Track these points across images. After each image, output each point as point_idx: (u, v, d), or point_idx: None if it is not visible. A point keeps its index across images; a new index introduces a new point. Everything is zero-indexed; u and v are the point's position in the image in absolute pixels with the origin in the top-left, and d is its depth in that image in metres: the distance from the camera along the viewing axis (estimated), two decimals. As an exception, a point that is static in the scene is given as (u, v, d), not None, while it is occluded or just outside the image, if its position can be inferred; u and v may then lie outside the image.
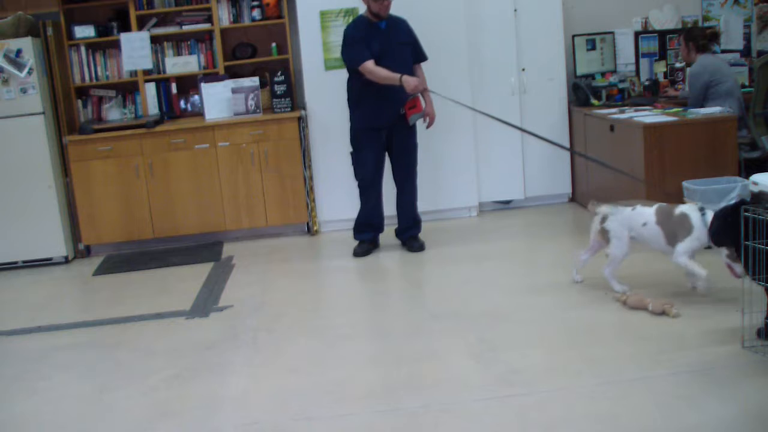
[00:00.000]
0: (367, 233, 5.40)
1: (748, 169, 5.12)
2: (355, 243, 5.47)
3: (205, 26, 6.31)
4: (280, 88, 6.10)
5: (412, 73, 5.15)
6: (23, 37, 5.77)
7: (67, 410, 3.50)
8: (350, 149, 5.34)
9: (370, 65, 5.04)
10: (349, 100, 5.26)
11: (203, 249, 6.04)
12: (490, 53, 6.17)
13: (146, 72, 6.35)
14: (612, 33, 6.51)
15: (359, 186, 5.34)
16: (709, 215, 3.75)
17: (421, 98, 5.20)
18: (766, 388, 3.10)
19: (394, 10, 5.73)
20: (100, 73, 6.37)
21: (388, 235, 5.44)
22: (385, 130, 5.21)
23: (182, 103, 6.52)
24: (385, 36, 5.07)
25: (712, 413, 2.93)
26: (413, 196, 5.45)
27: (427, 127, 5.33)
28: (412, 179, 5.42)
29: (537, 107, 6.28)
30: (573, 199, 6.51)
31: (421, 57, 5.29)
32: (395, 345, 3.90)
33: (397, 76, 4.99)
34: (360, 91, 5.15)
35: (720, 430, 2.84)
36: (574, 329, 3.86)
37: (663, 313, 3.86)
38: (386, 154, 5.34)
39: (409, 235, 5.43)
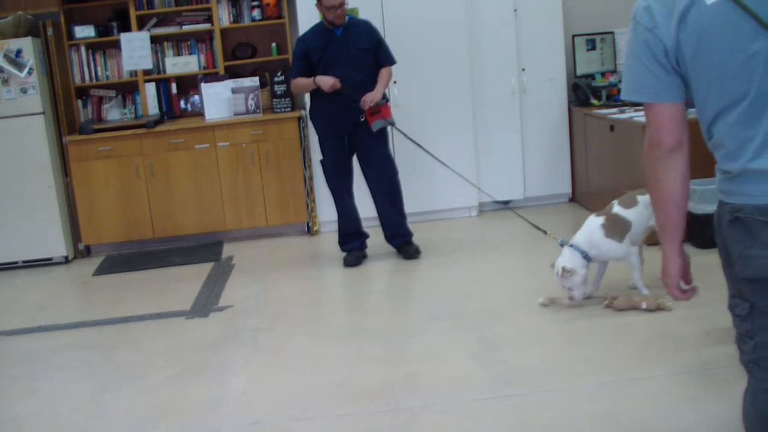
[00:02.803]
0: (353, 242, 5.32)
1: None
2: (343, 255, 5.36)
3: (205, 26, 6.31)
4: (280, 88, 6.11)
5: (374, 78, 5.03)
6: (23, 37, 5.77)
7: (67, 410, 3.50)
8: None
9: (294, 81, 5.10)
10: (309, 111, 5.25)
11: (203, 249, 6.04)
12: (490, 53, 6.17)
13: (146, 72, 6.35)
14: (612, 33, 6.50)
15: (332, 194, 5.29)
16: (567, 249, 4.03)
17: (389, 105, 5.11)
18: (765, 388, 3.10)
19: (395, 9, 5.73)
20: (100, 73, 6.37)
21: (382, 236, 5.42)
22: (347, 137, 5.13)
23: (182, 103, 6.52)
24: (341, 43, 4.99)
25: (712, 413, 2.93)
26: (396, 211, 5.25)
27: (363, 112, 5.02)
28: (390, 193, 5.21)
29: (537, 107, 6.28)
30: (573, 199, 6.51)
31: (385, 61, 5.11)
32: (395, 345, 3.90)
33: (310, 80, 4.98)
34: (316, 102, 5.14)
35: (719, 430, 2.84)
36: (574, 329, 3.86)
37: (659, 309, 3.86)
38: (355, 162, 5.27)
39: (403, 241, 5.34)
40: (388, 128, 5.17)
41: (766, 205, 1.85)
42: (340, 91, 4.93)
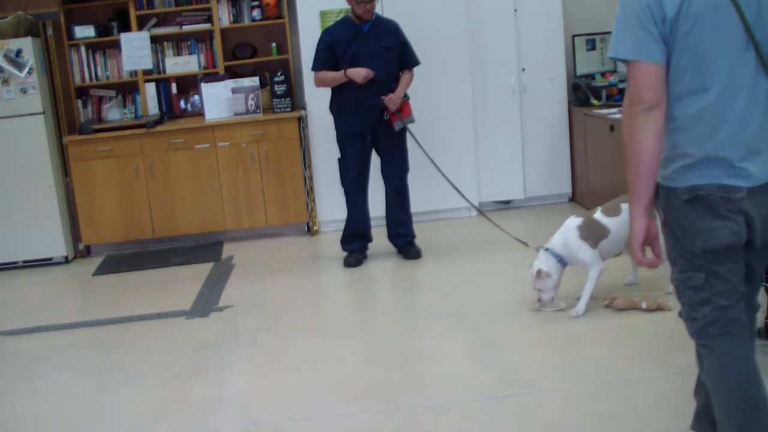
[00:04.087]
0: (355, 243, 5.31)
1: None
2: (344, 254, 5.35)
3: (205, 26, 6.31)
4: (280, 88, 6.10)
5: (396, 78, 5.05)
6: (23, 37, 5.77)
7: (67, 410, 3.50)
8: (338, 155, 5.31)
9: (318, 74, 5.07)
10: (330, 106, 5.23)
11: (203, 249, 6.04)
12: (490, 53, 6.17)
13: (146, 72, 6.35)
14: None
15: (344, 193, 5.28)
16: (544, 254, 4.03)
17: (410, 104, 5.12)
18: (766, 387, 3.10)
19: (395, 9, 5.73)
20: (100, 73, 6.37)
21: (384, 235, 5.43)
22: (370, 135, 5.13)
23: (182, 103, 6.52)
24: (367, 39, 4.99)
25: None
26: (402, 211, 5.28)
27: (386, 108, 5.01)
28: (399, 192, 5.26)
29: (537, 107, 6.28)
30: (573, 199, 6.51)
31: (409, 62, 5.12)
32: (395, 345, 3.90)
33: (340, 73, 4.96)
34: (340, 97, 5.10)
35: (720, 430, 2.84)
36: (574, 329, 3.86)
37: (659, 309, 3.86)
38: (376, 159, 5.29)
39: (405, 242, 5.36)
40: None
41: (726, 184, 2.09)
42: (375, 79, 4.92)
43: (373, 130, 5.10)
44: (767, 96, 2.11)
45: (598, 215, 4.07)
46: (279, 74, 6.12)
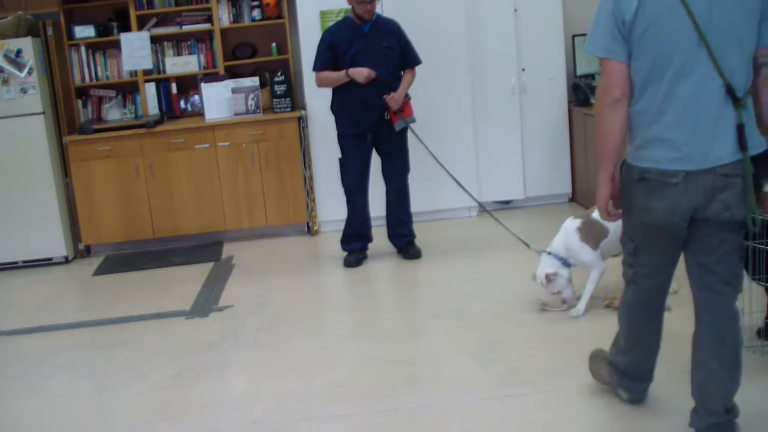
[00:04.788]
0: (355, 243, 5.31)
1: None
2: (344, 254, 5.36)
3: (205, 26, 6.31)
4: (280, 88, 6.10)
5: (397, 78, 5.05)
6: (23, 37, 5.77)
7: (67, 410, 3.50)
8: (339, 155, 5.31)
9: (320, 75, 5.07)
10: (331, 106, 5.22)
11: (203, 249, 6.04)
12: (490, 53, 6.17)
13: (146, 72, 6.35)
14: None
15: (345, 192, 5.27)
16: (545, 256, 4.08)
17: (411, 103, 5.12)
18: (766, 388, 3.10)
19: (395, 9, 5.73)
20: (100, 73, 6.37)
21: (384, 235, 5.43)
22: (371, 134, 5.14)
23: (182, 103, 6.52)
24: (368, 39, 4.98)
25: (712, 413, 2.93)
26: (403, 211, 5.29)
27: (388, 107, 5.00)
28: (400, 192, 5.26)
29: (537, 107, 6.28)
30: (573, 199, 6.51)
31: (411, 61, 5.13)
32: (395, 345, 3.90)
33: (341, 73, 4.96)
34: (341, 97, 5.10)
35: (720, 430, 2.84)
36: (574, 329, 3.86)
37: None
38: (377, 159, 5.29)
39: (405, 242, 5.35)
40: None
41: (665, 169, 2.47)
42: (376, 79, 4.93)
43: (374, 130, 5.10)
44: (718, 90, 2.41)
45: (596, 214, 4.07)
46: (279, 74, 6.12)
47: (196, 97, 6.46)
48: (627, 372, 2.96)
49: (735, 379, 2.69)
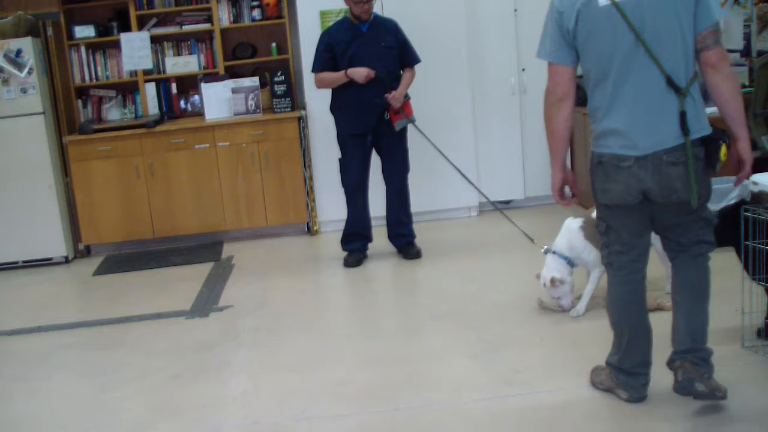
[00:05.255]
0: (355, 243, 5.31)
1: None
2: (344, 254, 5.35)
3: (205, 26, 6.31)
4: (280, 88, 6.11)
5: (397, 77, 5.06)
6: (23, 37, 5.77)
7: (67, 410, 3.50)
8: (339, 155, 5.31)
9: (319, 76, 5.07)
10: (331, 107, 5.22)
11: (203, 249, 6.04)
12: (490, 53, 6.17)
13: (146, 72, 6.35)
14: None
15: (345, 192, 5.27)
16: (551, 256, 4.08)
17: (411, 103, 5.13)
18: (766, 388, 3.10)
19: (395, 9, 5.73)
20: (100, 73, 6.37)
21: (384, 236, 5.42)
22: (371, 134, 5.13)
23: (182, 103, 6.52)
24: (367, 39, 4.98)
25: (713, 413, 2.93)
26: (403, 211, 5.28)
27: (388, 107, 5.02)
28: (399, 192, 5.26)
29: (537, 107, 6.18)
30: (573, 199, 6.51)
31: (410, 60, 5.13)
32: (395, 345, 3.90)
33: (341, 73, 4.96)
34: (341, 98, 5.09)
35: (720, 430, 2.84)
36: (575, 329, 3.86)
37: (658, 309, 3.86)
38: (377, 159, 5.29)
39: (405, 242, 5.35)
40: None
41: (618, 154, 2.75)
42: (376, 79, 4.93)
43: (374, 130, 5.10)
44: (659, 83, 2.68)
45: (595, 213, 4.07)
46: (279, 74, 6.12)
47: (196, 97, 6.47)
48: (623, 368, 3.01)
49: (704, 312, 2.98)
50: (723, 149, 2.75)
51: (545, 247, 4.14)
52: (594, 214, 4.06)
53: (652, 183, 2.74)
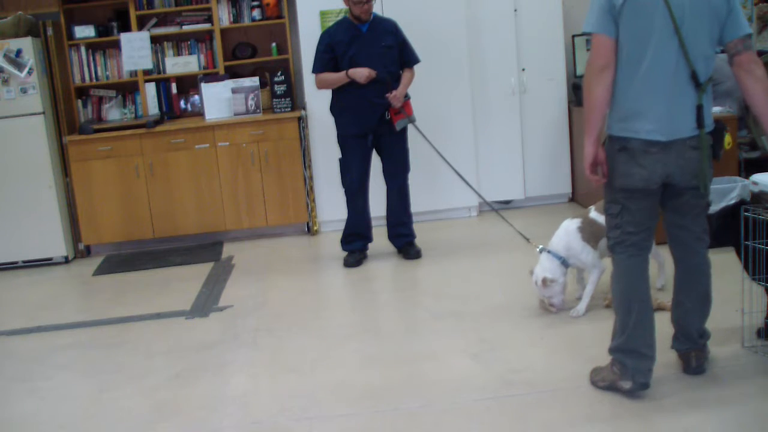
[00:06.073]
0: (355, 243, 5.31)
1: (748, 169, 5.12)
2: (344, 254, 5.35)
3: (205, 26, 6.31)
4: (280, 88, 6.11)
5: (396, 77, 5.06)
6: (23, 37, 5.77)
7: (67, 410, 3.50)
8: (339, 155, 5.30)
9: (319, 76, 5.07)
10: (331, 107, 5.22)
11: (203, 249, 6.04)
12: (490, 53, 6.17)
13: (146, 72, 6.35)
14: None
15: (345, 193, 5.27)
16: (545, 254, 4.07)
17: (411, 103, 5.13)
18: (766, 388, 3.10)
19: (395, 9, 5.73)
20: (100, 73, 6.37)
21: (384, 236, 5.43)
22: (371, 134, 5.13)
23: (182, 103, 6.52)
24: (366, 39, 4.98)
25: (713, 413, 2.93)
26: (403, 211, 5.29)
27: (388, 107, 5.02)
28: (400, 192, 5.26)
29: (537, 107, 6.28)
30: (573, 199, 6.51)
31: (410, 60, 5.13)
32: (395, 345, 3.90)
33: (342, 74, 4.96)
34: (341, 98, 5.09)
35: (720, 430, 2.85)
36: (574, 329, 3.86)
37: (658, 309, 3.85)
38: (377, 159, 5.29)
39: (405, 242, 5.36)
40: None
41: (647, 139, 2.87)
42: (376, 79, 4.93)
43: (375, 130, 5.10)
44: (686, 75, 2.84)
45: (593, 214, 4.07)
46: (279, 74, 6.12)
47: (196, 97, 6.47)
48: (630, 348, 3.03)
49: (705, 314, 3.18)
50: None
51: (540, 246, 4.15)
52: (592, 214, 4.07)
53: (675, 167, 2.89)
